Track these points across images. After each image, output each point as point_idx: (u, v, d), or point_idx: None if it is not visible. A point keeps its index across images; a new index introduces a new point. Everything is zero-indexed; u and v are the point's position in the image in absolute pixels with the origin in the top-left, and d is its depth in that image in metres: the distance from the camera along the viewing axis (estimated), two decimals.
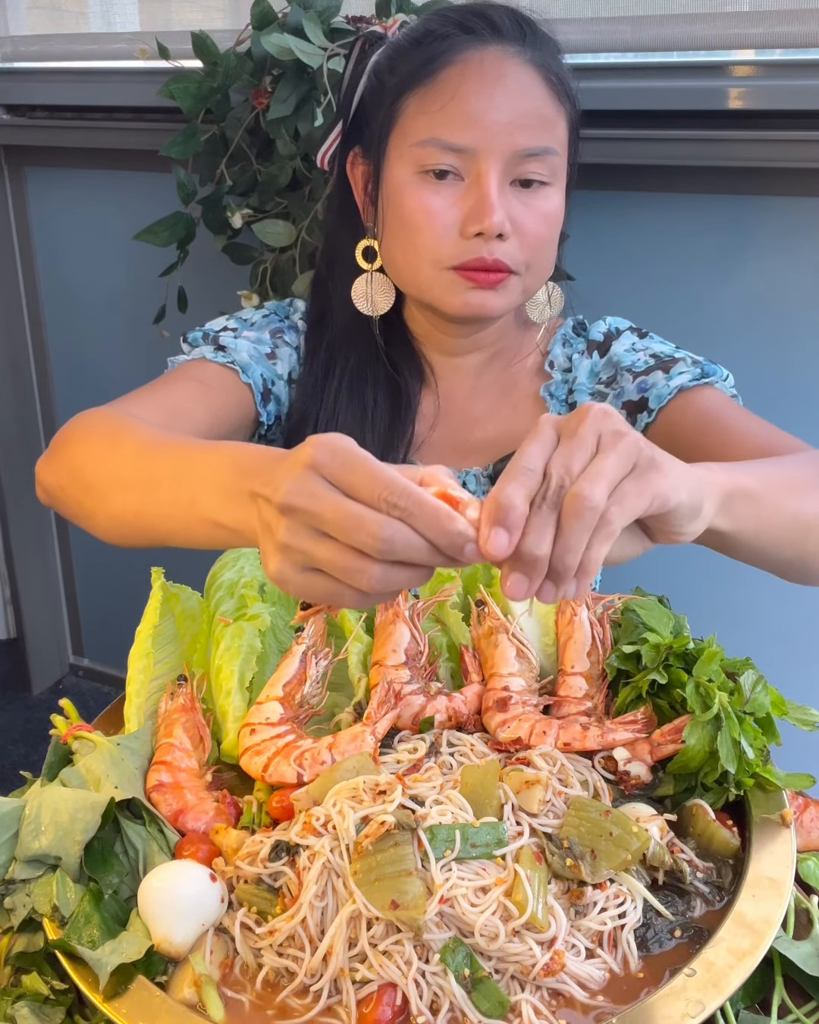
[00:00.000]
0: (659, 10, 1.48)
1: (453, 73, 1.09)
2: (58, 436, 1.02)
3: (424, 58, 1.11)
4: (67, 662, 2.72)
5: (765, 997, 0.73)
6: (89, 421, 1.01)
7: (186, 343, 1.25)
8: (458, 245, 1.10)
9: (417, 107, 1.11)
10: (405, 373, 1.26)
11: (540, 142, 1.10)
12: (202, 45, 1.60)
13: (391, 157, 1.14)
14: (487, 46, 1.10)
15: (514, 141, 1.08)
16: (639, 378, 1.19)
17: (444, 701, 0.90)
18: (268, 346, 1.26)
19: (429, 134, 1.09)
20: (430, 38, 1.12)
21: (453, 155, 1.09)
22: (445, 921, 0.70)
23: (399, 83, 1.12)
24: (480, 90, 1.08)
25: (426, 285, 1.14)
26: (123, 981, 0.69)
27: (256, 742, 0.86)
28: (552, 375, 1.27)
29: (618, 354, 1.23)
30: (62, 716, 0.91)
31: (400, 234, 1.14)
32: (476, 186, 1.09)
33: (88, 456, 0.95)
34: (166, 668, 0.95)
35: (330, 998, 0.69)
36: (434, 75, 1.09)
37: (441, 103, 1.09)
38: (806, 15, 1.38)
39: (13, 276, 2.32)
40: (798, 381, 1.56)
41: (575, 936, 0.71)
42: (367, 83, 1.17)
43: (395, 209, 1.14)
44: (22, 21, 2.14)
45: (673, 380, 1.16)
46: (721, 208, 1.55)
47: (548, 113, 1.11)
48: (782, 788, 0.82)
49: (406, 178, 1.12)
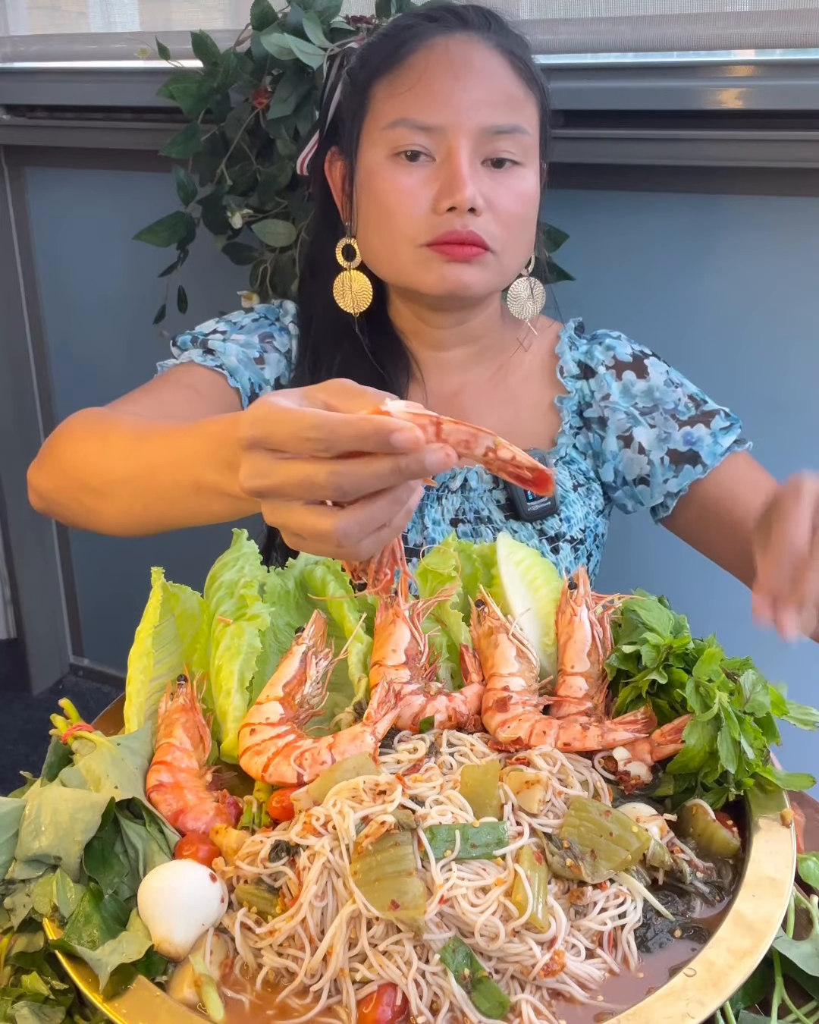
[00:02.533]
0: (659, 10, 1.48)
1: (420, 57, 1.12)
2: (47, 442, 1.03)
3: (392, 47, 1.14)
4: (67, 662, 2.72)
5: (765, 997, 0.73)
6: (75, 423, 1.01)
7: (175, 347, 1.26)
8: (431, 221, 1.12)
9: (386, 91, 1.13)
10: (391, 370, 1.26)
11: (509, 119, 1.12)
12: (202, 45, 1.60)
13: (364, 145, 1.16)
14: (453, 33, 1.13)
15: (482, 118, 1.10)
16: (684, 428, 1.22)
17: (444, 701, 0.90)
18: (256, 350, 1.26)
19: (398, 115, 1.12)
20: (397, 30, 1.16)
21: (423, 135, 1.11)
22: (445, 921, 0.70)
23: (368, 74, 1.16)
24: (447, 70, 1.10)
25: (403, 266, 1.16)
26: (123, 981, 0.69)
27: (256, 742, 0.86)
28: (565, 385, 1.27)
29: (657, 387, 1.25)
30: (62, 716, 0.91)
31: (375, 217, 1.16)
32: (447, 163, 1.11)
33: (80, 456, 0.95)
34: (166, 668, 0.95)
35: (330, 998, 0.69)
36: (402, 60, 1.13)
37: (409, 84, 1.11)
38: (806, 15, 1.38)
39: (13, 276, 2.32)
40: (797, 380, 1.56)
41: (575, 936, 0.71)
42: (342, 87, 1.21)
43: (369, 193, 1.16)
44: (22, 21, 2.14)
45: (721, 438, 1.20)
46: (721, 208, 1.55)
47: (516, 93, 1.13)
48: (782, 788, 0.82)
49: (379, 161, 1.14)
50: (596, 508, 1.29)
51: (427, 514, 1.25)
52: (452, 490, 1.25)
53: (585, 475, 1.28)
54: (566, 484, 1.26)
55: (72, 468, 0.96)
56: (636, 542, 1.50)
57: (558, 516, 1.25)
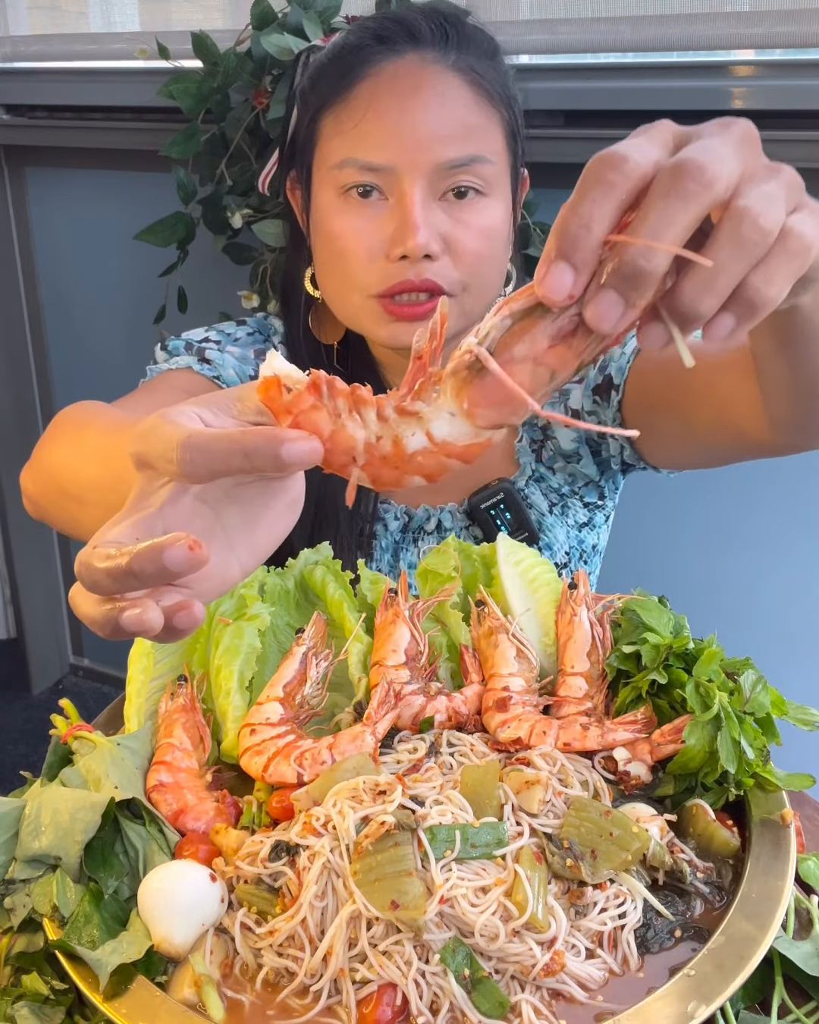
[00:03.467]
0: (659, 10, 1.48)
1: (365, 88, 1.03)
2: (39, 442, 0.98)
3: (338, 74, 1.05)
4: (67, 662, 2.72)
5: (765, 997, 0.73)
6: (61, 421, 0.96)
7: (164, 351, 1.21)
8: (384, 270, 1.04)
9: (333, 127, 1.06)
10: None
11: (464, 151, 1.03)
12: (202, 45, 1.60)
13: (315, 181, 1.09)
14: (403, 55, 1.03)
15: (435, 155, 1.02)
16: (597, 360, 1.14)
17: (444, 701, 0.90)
18: (252, 367, 1.21)
19: (345, 155, 1.04)
20: (345, 51, 1.06)
21: (372, 175, 1.03)
22: (445, 921, 0.70)
23: (317, 102, 1.08)
24: (393, 103, 1.02)
25: (355, 315, 1.10)
26: (123, 981, 0.69)
27: (256, 742, 0.86)
28: None
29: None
30: (62, 716, 0.91)
31: (328, 261, 1.10)
32: (399, 206, 1.03)
33: (59, 458, 0.90)
34: (166, 668, 0.95)
35: (330, 998, 0.69)
36: (347, 91, 1.04)
37: (354, 121, 1.03)
38: (806, 15, 1.39)
39: (13, 276, 2.32)
40: None
41: (575, 936, 0.71)
42: (297, 106, 1.13)
43: (322, 235, 1.09)
44: (22, 21, 2.14)
45: (627, 346, 1.11)
46: None
47: (474, 120, 1.04)
48: (782, 788, 0.82)
49: (329, 202, 1.07)
50: (577, 523, 1.25)
51: (403, 558, 1.22)
52: (427, 531, 1.22)
53: (558, 492, 1.23)
54: (542, 506, 1.22)
55: (52, 471, 0.90)
56: (636, 542, 1.50)
57: (537, 545, 1.20)
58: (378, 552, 1.25)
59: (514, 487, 1.19)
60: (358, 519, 1.21)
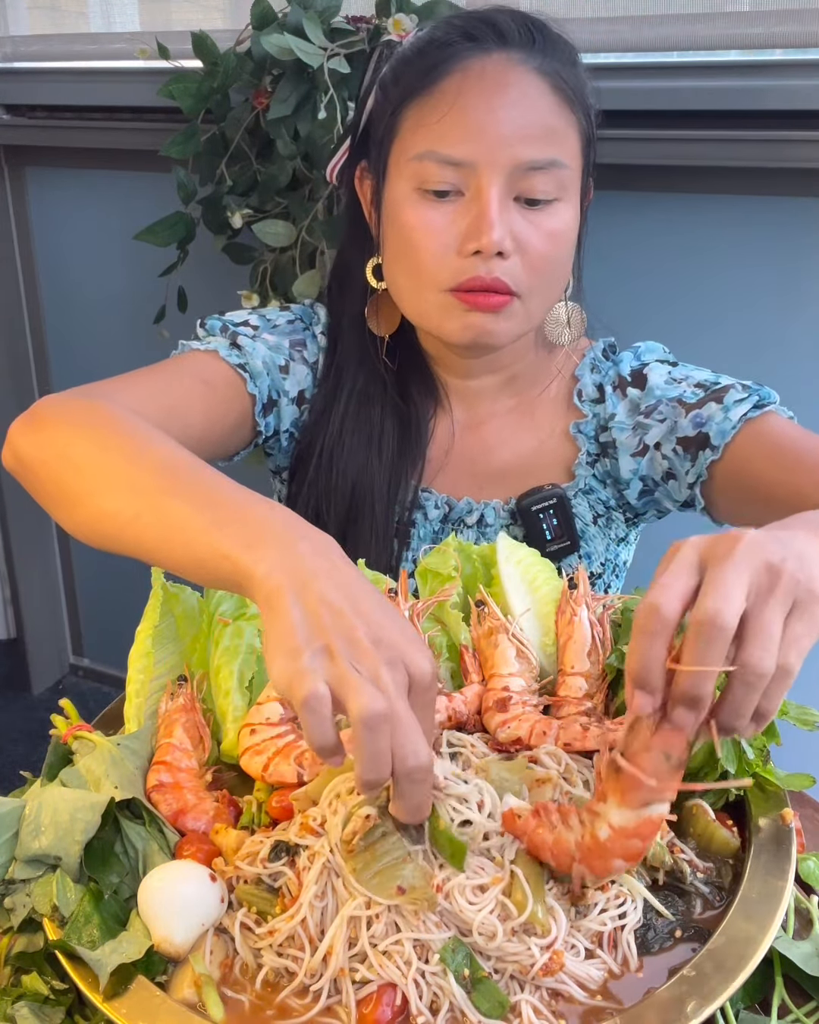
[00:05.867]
0: (659, 10, 1.48)
1: (452, 83, 1.04)
2: (46, 408, 0.96)
3: (425, 67, 1.06)
4: (67, 662, 2.72)
5: (765, 997, 0.73)
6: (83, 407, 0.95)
7: (202, 328, 1.20)
8: (456, 264, 1.05)
9: (416, 119, 1.06)
10: (416, 395, 1.22)
11: (545, 154, 1.04)
12: (202, 45, 1.60)
13: (391, 172, 1.10)
14: (490, 54, 1.04)
15: (516, 153, 1.02)
16: (692, 411, 1.11)
17: (444, 701, 0.90)
18: (284, 357, 1.20)
19: (426, 147, 1.05)
20: (433, 47, 1.07)
21: (451, 170, 1.04)
22: (444, 920, 0.70)
23: (400, 94, 1.08)
24: (480, 100, 1.03)
25: (426, 310, 1.10)
26: (123, 981, 0.69)
27: (256, 742, 0.86)
28: (582, 409, 1.21)
29: (657, 386, 1.16)
30: (62, 716, 0.91)
31: (400, 254, 1.10)
32: (475, 201, 1.04)
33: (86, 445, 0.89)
34: (166, 668, 0.95)
35: (330, 998, 0.69)
36: (433, 85, 1.05)
37: (439, 114, 1.04)
38: (806, 15, 1.39)
39: (13, 276, 2.32)
40: (800, 380, 1.56)
41: (575, 936, 0.71)
42: (375, 96, 1.13)
43: (394, 227, 1.10)
44: (22, 21, 2.14)
45: (732, 411, 1.08)
46: (721, 208, 1.55)
47: (555, 123, 1.05)
48: (782, 788, 0.82)
49: (405, 195, 1.07)
50: (617, 537, 1.24)
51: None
52: (468, 524, 1.22)
53: (605, 504, 1.22)
54: (586, 517, 1.21)
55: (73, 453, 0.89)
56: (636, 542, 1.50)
57: (577, 553, 1.20)
58: (415, 541, 1.24)
59: (565, 495, 1.19)
60: (398, 506, 1.21)
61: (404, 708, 0.65)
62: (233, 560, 0.72)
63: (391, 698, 0.65)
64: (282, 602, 0.68)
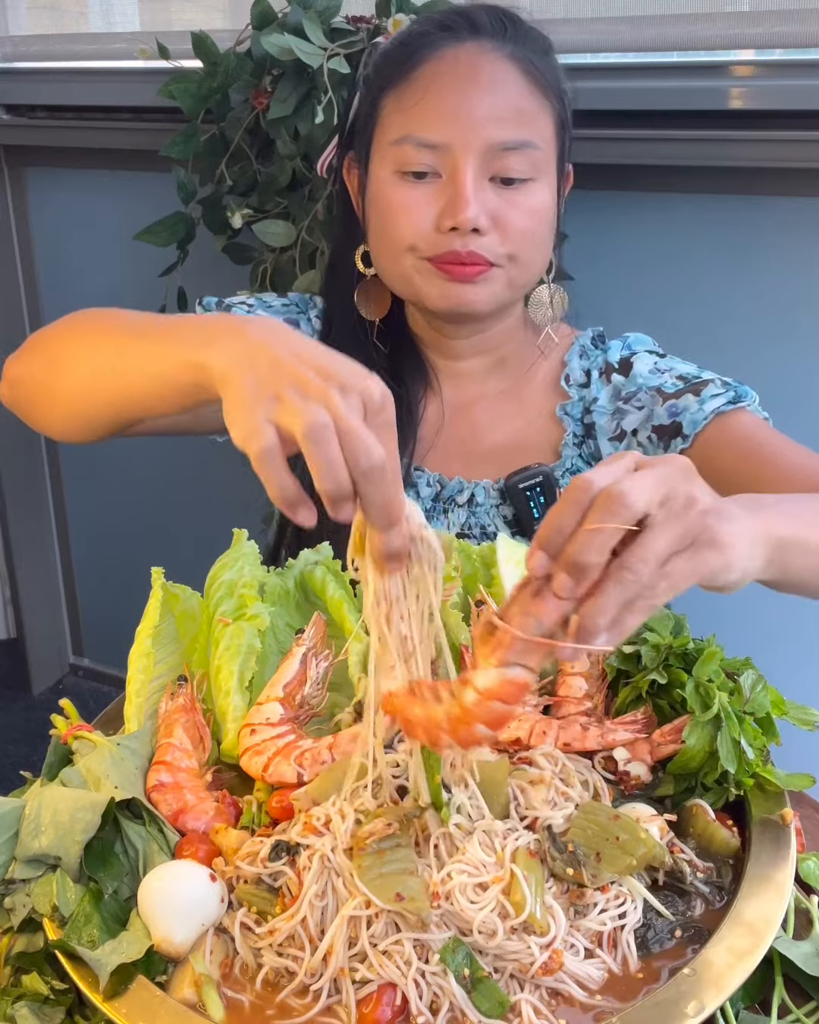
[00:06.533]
0: (659, 10, 1.48)
1: (427, 70, 1.10)
2: (35, 335, 1.00)
3: (402, 58, 1.12)
4: (67, 662, 2.72)
5: (765, 997, 0.73)
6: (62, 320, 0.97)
7: (200, 306, 1.26)
8: (433, 238, 1.11)
9: (394, 106, 1.12)
10: (407, 377, 1.25)
11: (518, 135, 1.09)
12: (202, 45, 1.60)
13: (374, 159, 1.15)
14: (464, 43, 1.10)
15: (489, 134, 1.08)
16: (669, 401, 1.15)
17: None
18: None
19: (404, 131, 1.10)
20: (410, 38, 1.14)
21: (428, 152, 1.10)
22: (444, 920, 0.70)
23: (380, 84, 1.14)
24: (453, 85, 1.08)
25: (407, 275, 1.15)
26: (123, 981, 0.69)
27: (256, 742, 0.86)
28: (569, 392, 1.25)
29: (640, 374, 1.20)
30: (62, 716, 0.91)
31: (381, 229, 1.16)
32: (451, 181, 1.10)
33: (60, 340, 0.93)
34: (166, 668, 0.95)
35: (330, 998, 0.69)
36: (410, 73, 1.11)
37: (415, 100, 1.10)
38: (806, 15, 1.38)
39: (13, 276, 2.32)
40: (799, 381, 1.56)
41: (574, 936, 0.71)
42: (360, 90, 1.19)
43: (376, 206, 1.15)
44: (22, 21, 2.14)
45: (707, 404, 1.12)
46: (720, 208, 1.55)
47: (527, 106, 1.11)
48: (782, 788, 0.82)
49: (386, 178, 1.13)
50: None
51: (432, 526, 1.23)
52: (459, 504, 1.24)
53: None
54: None
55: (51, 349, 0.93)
56: None
57: None
58: None
59: (553, 473, 1.22)
60: None
61: (356, 421, 0.66)
62: (193, 363, 0.74)
63: (340, 415, 0.66)
64: (234, 375, 0.70)
